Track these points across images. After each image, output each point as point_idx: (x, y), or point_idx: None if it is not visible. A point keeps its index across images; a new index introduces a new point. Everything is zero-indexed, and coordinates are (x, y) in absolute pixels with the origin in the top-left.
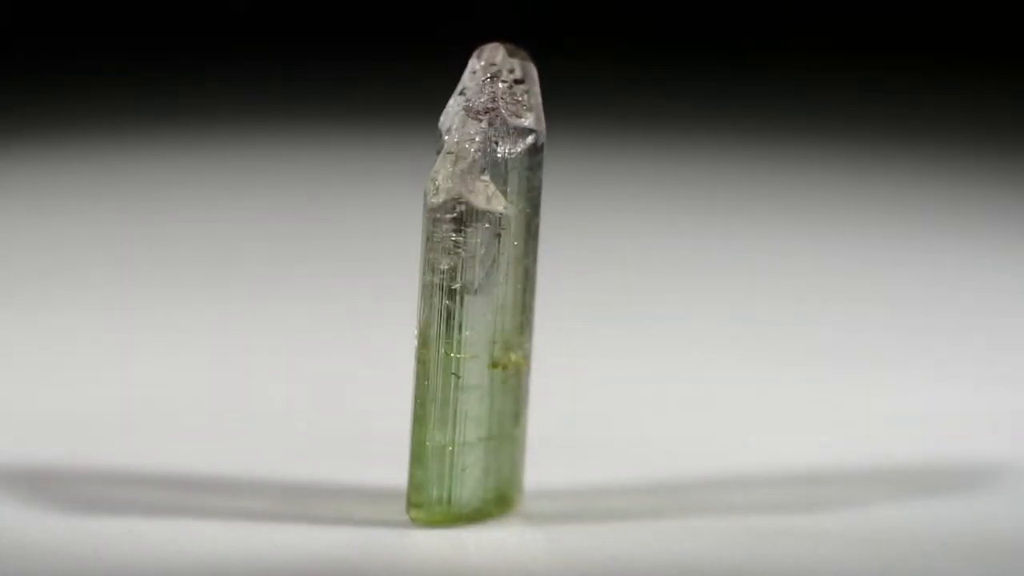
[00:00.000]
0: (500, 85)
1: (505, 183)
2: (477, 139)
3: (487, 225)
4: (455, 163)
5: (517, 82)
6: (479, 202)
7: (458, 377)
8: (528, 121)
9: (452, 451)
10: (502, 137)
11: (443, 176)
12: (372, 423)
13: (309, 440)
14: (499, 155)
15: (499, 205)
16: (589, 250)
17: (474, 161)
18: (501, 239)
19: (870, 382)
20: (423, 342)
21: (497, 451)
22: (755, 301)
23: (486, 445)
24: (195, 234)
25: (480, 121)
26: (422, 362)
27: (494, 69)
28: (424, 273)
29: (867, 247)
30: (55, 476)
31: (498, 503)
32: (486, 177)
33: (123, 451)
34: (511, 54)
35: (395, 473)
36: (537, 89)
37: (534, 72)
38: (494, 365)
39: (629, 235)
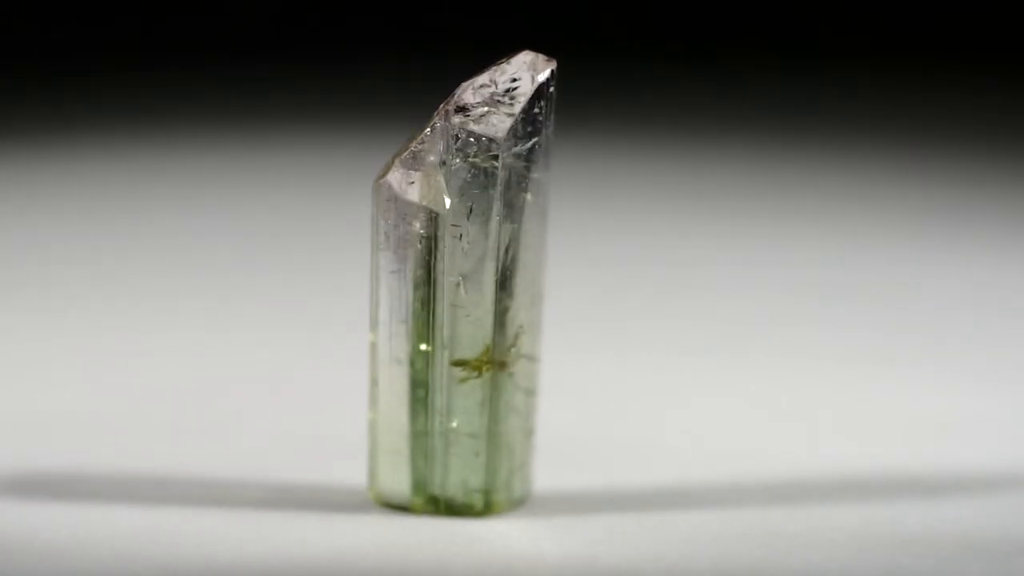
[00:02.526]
0: (484, 90)
1: (449, 182)
2: (427, 133)
3: (426, 219)
4: (400, 154)
5: (509, 90)
6: (403, 193)
7: (399, 363)
8: (492, 129)
9: (386, 433)
10: (459, 139)
11: (388, 164)
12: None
13: (293, 434)
14: (451, 154)
15: (434, 202)
16: (593, 253)
17: (414, 154)
18: (444, 238)
19: (871, 383)
20: (370, 325)
21: (477, 449)
22: (756, 302)
23: (464, 441)
24: (183, 234)
25: (438, 118)
26: (370, 344)
27: (496, 74)
28: (371, 259)
29: (869, 248)
30: (33, 475)
31: (485, 502)
32: (438, 173)
33: (102, 450)
34: (530, 65)
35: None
36: (525, 103)
37: (531, 83)
38: (459, 363)
39: (636, 237)
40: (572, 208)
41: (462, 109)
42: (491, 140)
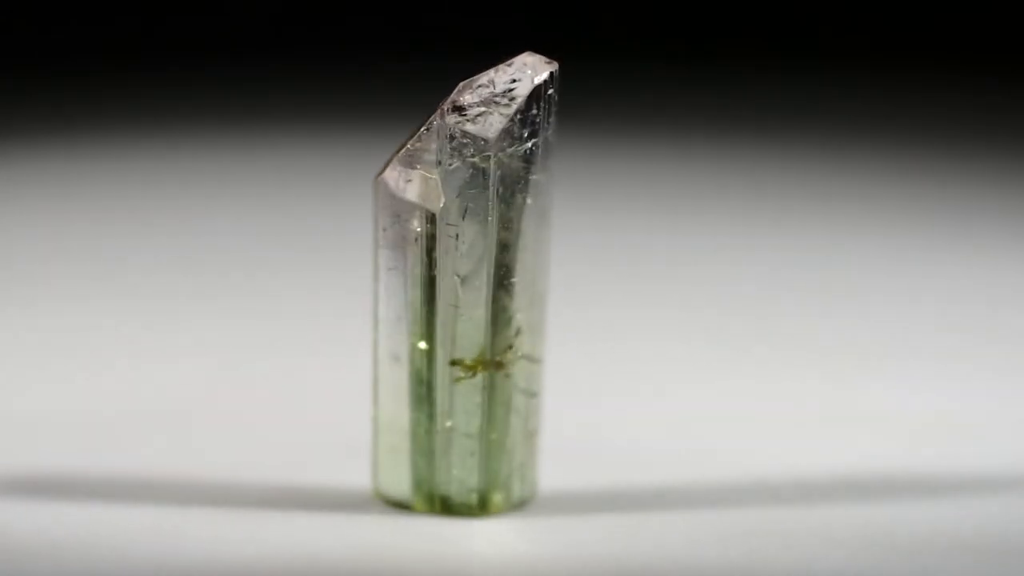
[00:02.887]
0: (482, 90)
1: (446, 182)
2: (424, 132)
3: (424, 218)
4: (399, 151)
5: (507, 91)
6: (399, 190)
7: (398, 362)
8: (485, 130)
9: (386, 431)
10: (454, 138)
11: (389, 161)
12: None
13: (293, 434)
14: (446, 153)
15: (427, 201)
16: (594, 253)
17: (411, 153)
18: (441, 237)
19: (871, 383)
20: (372, 323)
21: (473, 449)
22: (757, 302)
23: (461, 441)
24: (183, 234)
25: (435, 116)
26: (372, 342)
27: (496, 74)
28: (372, 256)
29: (868, 247)
30: (30, 476)
31: (483, 502)
32: (434, 172)
33: (102, 450)
34: (530, 66)
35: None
36: (521, 104)
37: (529, 84)
38: (454, 362)
39: (637, 237)
40: (572, 208)
41: (458, 108)
42: (484, 140)
